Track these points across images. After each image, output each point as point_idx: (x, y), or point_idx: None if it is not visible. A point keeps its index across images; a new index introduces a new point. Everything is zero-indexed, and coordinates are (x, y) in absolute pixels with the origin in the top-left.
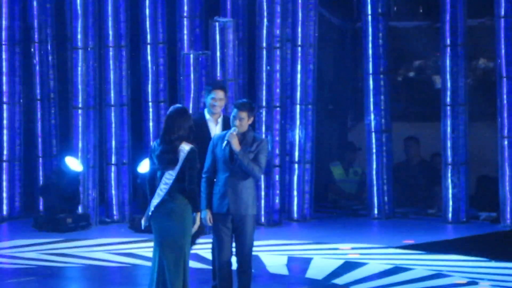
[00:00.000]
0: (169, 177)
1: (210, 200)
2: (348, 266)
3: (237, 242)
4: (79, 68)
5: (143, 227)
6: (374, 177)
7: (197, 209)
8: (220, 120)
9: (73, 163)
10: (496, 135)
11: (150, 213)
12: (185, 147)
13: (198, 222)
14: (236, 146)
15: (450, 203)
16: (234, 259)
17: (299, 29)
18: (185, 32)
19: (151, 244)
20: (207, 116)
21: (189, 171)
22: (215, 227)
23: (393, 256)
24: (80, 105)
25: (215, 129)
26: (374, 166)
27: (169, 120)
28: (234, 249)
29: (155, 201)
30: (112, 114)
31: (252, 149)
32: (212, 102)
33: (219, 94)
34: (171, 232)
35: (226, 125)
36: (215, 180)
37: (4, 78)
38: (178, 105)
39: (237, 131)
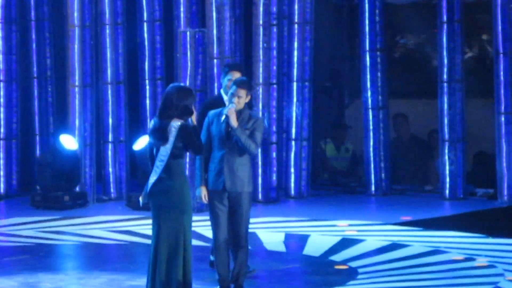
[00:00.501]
0: (164, 153)
1: (205, 178)
2: (346, 242)
3: (233, 219)
4: (76, 46)
5: (141, 205)
6: (371, 154)
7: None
8: None
9: (68, 142)
10: (493, 112)
11: (147, 191)
12: (175, 124)
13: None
14: (234, 122)
15: (447, 179)
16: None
17: (296, 6)
18: (182, 9)
19: (149, 221)
20: (225, 97)
21: (191, 148)
22: (211, 205)
23: (391, 233)
24: (76, 83)
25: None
26: (371, 143)
27: (163, 97)
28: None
29: (152, 178)
30: (109, 91)
31: (248, 127)
32: (229, 83)
33: (236, 75)
34: (170, 210)
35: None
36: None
37: (1, 56)
38: (177, 83)
39: (234, 107)
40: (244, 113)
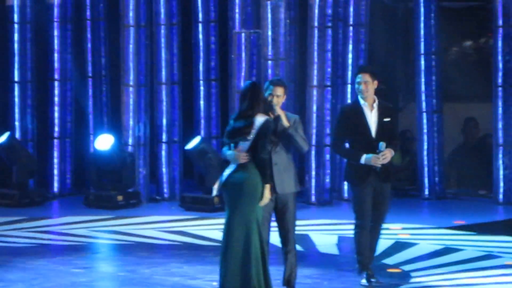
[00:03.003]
0: (243, 148)
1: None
2: (399, 246)
3: (281, 220)
4: (131, 46)
5: (213, 194)
6: (425, 158)
7: (266, 181)
8: (375, 105)
9: (103, 142)
10: None
11: (222, 181)
12: (259, 119)
13: (267, 195)
14: (285, 122)
15: (501, 184)
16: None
17: (351, 9)
18: (237, 10)
19: (201, 222)
20: (362, 101)
21: (261, 141)
22: None
23: (444, 237)
24: (131, 83)
25: (371, 115)
26: (425, 146)
27: (242, 96)
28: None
29: (228, 170)
30: (163, 92)
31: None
32: (357, 85)
33: (364, 77)
34: (242, 202)
35: (382, 111)
36: None
37: (56, 55)
38: (249, 81)
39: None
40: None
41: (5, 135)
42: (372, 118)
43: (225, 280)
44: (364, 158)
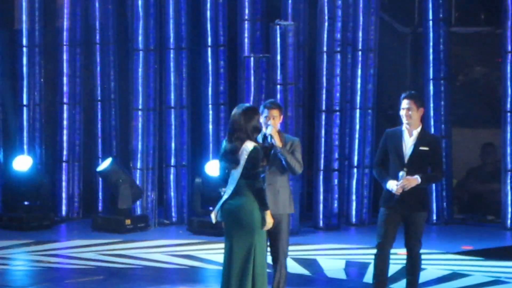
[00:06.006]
0: (235, 175)
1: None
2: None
3: (274, 240)
4: (140, 70)
5: (213, 222)
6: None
7: (265, 207)
8: (415, 132)
9: (103, 164)
10: None
11: (218, 209)
12: (248, 146)
13: (269, 221)
14: (278, 142)
15: (509, 209)
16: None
17: (360, 34)
18: (246, 35)
19: (209, 246)
20: (403, 126)
21: (253, 170)
22: None
23: (451, 262)
24: (140, 107)
25: (409, 141)
26: None
27: (232, 120)
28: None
29: (225, 196)
30: (172, 116)
31: (287, 149)
32: (401, 111)
33: (410, 104)
34: (240, 229)
35: (421, 139)
36: None
37: (65, 79)
38: (242, 104)
39: (273, 128)
40: (281, 136)
41: (29, 162)
42: (408, 144)
43: None
44: (387, 183)
